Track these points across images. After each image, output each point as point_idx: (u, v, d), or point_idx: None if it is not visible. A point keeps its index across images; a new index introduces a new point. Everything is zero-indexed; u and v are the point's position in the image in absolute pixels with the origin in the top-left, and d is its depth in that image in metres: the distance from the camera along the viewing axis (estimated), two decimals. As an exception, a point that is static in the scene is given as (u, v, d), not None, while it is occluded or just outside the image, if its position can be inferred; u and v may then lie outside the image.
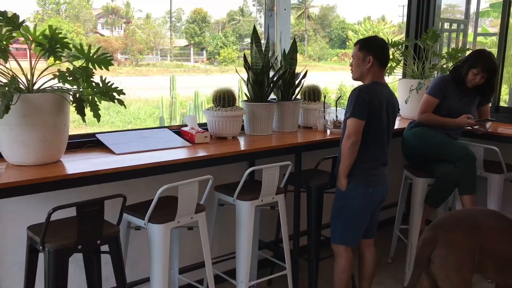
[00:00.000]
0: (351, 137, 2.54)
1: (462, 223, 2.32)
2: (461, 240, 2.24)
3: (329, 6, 41.44)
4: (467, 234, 2.25)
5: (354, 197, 2.63)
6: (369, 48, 2.62)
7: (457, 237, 2.25)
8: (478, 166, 3.16)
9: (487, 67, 3.12)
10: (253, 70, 3.11)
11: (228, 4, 56.41)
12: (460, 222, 2.34)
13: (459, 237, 2.25)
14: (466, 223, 2.32)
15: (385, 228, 4.03)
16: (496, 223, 2.32)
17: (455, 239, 2.25)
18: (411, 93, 3.86)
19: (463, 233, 2.26)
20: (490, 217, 2.38)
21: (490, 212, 2.47)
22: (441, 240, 2.25)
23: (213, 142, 2.91)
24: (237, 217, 2.69)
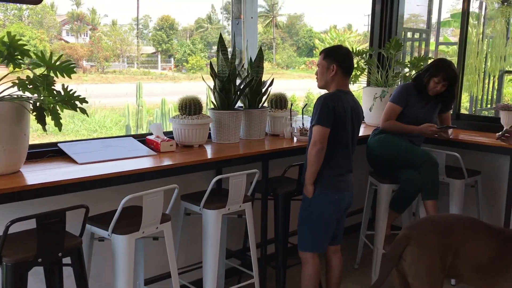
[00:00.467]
0: (316, 144, 2.56)
1: (437, 226, 2.40)
2: (434, 241, 2.31)
3: (296, 14, 41.96)
4: (441, 236, 2.32)
5: (320, 204, 2.65)
6: (333, 57, 2.66)
7: (430, 238, 2.33)
8: (440, 172, 3.23)
9: (448, 76, 3.21)
10: (219, 78, 3.10)
11: (196, 12, 56.31)
12: (435, 225, 2.42)
13: (432, 238, 2.32)
14: (441, 226, 2.40)
15: (351, 234, 4.08)
16: (471, 228, 2.38)
17: (428, 240, 2.32)
18: (375, 101, 3.93)
19: (437, 235, 2.33)
20: (465, 222, 2.44)
21: (465, 218, 2.53)
22: (414, 239, 2.32)
23: (179, 151, 2.88)
24: (203, 226, 2.66)
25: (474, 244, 2.31)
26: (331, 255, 2.84)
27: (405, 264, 2.33)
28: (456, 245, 2.30)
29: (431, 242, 2.31)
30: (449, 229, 2.36)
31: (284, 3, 44.31)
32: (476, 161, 3.67)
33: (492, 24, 5.55)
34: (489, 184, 3.72)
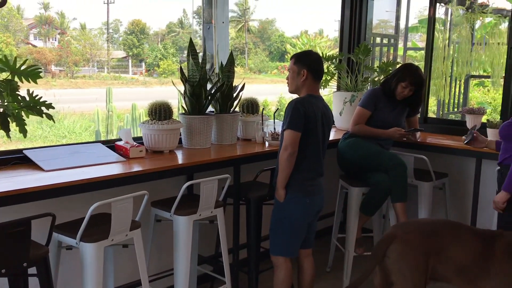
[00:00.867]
0: (288, 148, 2.57)
1: (422, 228, 2.50)
2: (418, 241, 2.40)
3: (268, 19, 42.21)
4: (425, 237, 2.41)
5: (292, 208, 2.66)
6: (304, 62, 2.68)
7: (415, 238, 2.41)
8: (408, 175, 3.29)
9: (415, 81, 3.28)
10: (190, 83, 3.08)
11: (167, 16, 55.92)
12: (420, 226, 2.52)
13: (416, 239, 2.41)
14: (426, 228, 2.49)
15: (323, 237, 4.11)
16: (455, 230, 2.44)
17: (412, 239, 2.41)
18: (345, 105, 3.98)
19: (421, 236, 2.42)
20: (450, 225, 2.51)
21: (450, 221, 2.60)
22: (399, 238, 2.41)
23: (148, 156, 2.84)
24: (174, 232, 2.63)
25: (458, 246, 2.37)
26: (303, 259, 2.84)
27: (388, 261, 2.41)
28: (439, 247, 2.38)
29: (415, 242, 2.40)
30: (434, 230, 2.45)
31: (256, 8, 44.50)
32: (444, 164, 3.76)
33: (457, 30, 5.70)
34: (456, 186, 3.81)
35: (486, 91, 11.66)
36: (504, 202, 2.65)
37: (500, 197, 2.66)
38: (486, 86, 11.49)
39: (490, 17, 6.38)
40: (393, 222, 3.27)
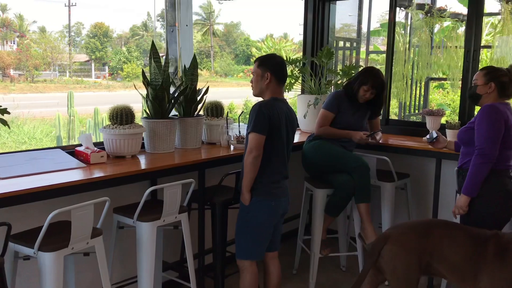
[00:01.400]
0: (252, 151, 2.57)
1: (416, 228, 2.56)
2: (411, 242, 2.47)
3: (233, 23, 42.27)
4: (418, 238, 2.47)
5: (257, 211, 2.66)
6: (267, 65, 2.69)
7: (408, 239, 2.49)
8: (371, 176, 3.35)
9: (376, 84, 3.34)
10: (152, 86, 3.03)
11: (131, 19, 55.09)
12: (414, 227, 2.59)
13: (410, 239, 2.48)
14: (419, 228, 2.55)
15: (289, 240, 4.12)
16: (448, 230, 2.49)
17: (405, 240, 2.48)
18: (309, 108, 4.01)
19: (415, 236, 2.48)
20: (443, 225, 2.55)
21: (443, 221, 2.64)
22: (393, 238, 2.49)
23: (110, 162, 2.78)
24: (137, 239, 2.58)
25: (451, 246, 2.42)
26: (269, 261, 2.84)
27: (382, 261, 2.48)
28: (433, 247, 2.44)
29: (408, 242, 2.47)
30: (427, 231, 2.50)
31: (221, 12, 44.50)
32: (405, 165, 3.84)
33: (417, 33, 5.83)
34: (417, 186, 3.90)
35: (446, 93, 12.01)
36: (467, 206, 2.72)
37: (462, 201, 2.73)
38: (445, 88, 11.84)
39: (448, 21, 6.57)
40: (357, 222, 3.31)
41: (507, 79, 2.70)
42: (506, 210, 2.71)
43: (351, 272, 3.74)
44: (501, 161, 2.66)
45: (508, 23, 5.04)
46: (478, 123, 2.67)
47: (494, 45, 5.20)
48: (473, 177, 2.65)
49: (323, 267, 3.75)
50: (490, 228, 2.52)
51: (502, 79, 2.70)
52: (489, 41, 9.04)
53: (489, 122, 2.62)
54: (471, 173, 2.66)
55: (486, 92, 2.72)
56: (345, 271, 3.79)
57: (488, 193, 2.66)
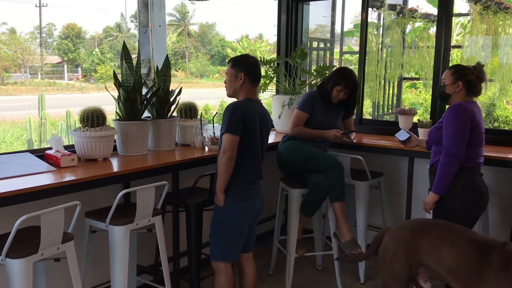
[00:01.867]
0: (226, 152, 2.55)
1: (414, 226, 2.56)
2: (405, 236, 2.49)
3: (208, 24, 42.12)
4: (414, 234, 2.48)
5: (231, 212, 2.64)
6: (241, 66, 2.68)
7: (403, 233, 2.51)
8: (345, 175, 3.37)
9: (349, 84, 3.36)
10: (124, 88, 2.99)
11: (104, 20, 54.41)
12: (413, 224, 2.59)
13: (404, 234, 2.50)
14: (417, 227, 2.54)
15: (265, 240, 4.12)
16: (450, 234, 2.42)
17: (400, 233, 2.52)
18: (284, 108, 4.02)
19: (411, 232, 2.49)
20: (448, 229, 2.47)
21: (450, 225, 2.54)
22: (390, 231, 2.57)
23: (81, 165, 2.73)
24: (110, 243, 2.53)
25: (450, 250, 2.36)
26: (244, 263, 2.83)
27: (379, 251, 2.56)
28: (427, 246, 2.41)
29: (402, 236, 2.50)
30: (424, 230, 2.48)
31: (196, 12, 44.30)
32: (379, 163, 3.88)
33: (390, 34, 5.91)
34: (391, 184, 3.95)
35: (418, 93, 12.23)
36: (433, 203, 2.77)
37: (430, 198, 2.78)
38: (417, 88, 12.05)
39: (420, 21, 6.67)
40: (332, 221, 3.33)
41: (474, 77, 2.75)
42: (477, 206, 2.77)
43: (327, 271, 3.76)
44: (470, 158, 2.71)
45: (477, 23, 5.16)
46: (445, 123, 2.72)
47: (464, 45, 5.31)
48: (442, 176, 2.70)
49: (299, 267, 3.75)
50: (462, 224, 2.57)
51: (469, 77, 2.75)
52: (460, 41, 9.25)
53: (455, 122, 2.67)
54: (440, 172, 2.71)
55: (455, 91, 2.77)
56: (321, 270, 3.81)
57: (459, 190, 2.71)
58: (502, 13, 5.29)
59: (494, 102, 11.53)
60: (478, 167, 2.77)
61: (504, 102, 11.86)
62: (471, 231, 2.50)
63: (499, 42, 5.27)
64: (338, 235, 3.27)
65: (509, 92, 5.82)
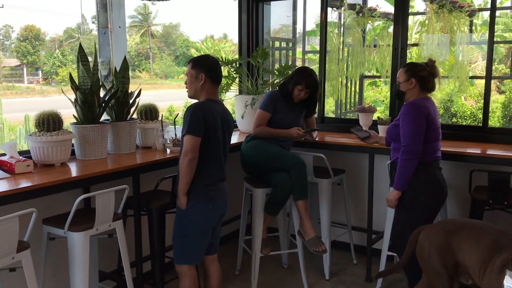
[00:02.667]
0: (188, 154, 2.53)
1: (447, 226, 2.57)
2: (436, 236, 2.50)
3: (172, 24, 41.74)
4: (444, 233, 2.49)
5: (194, 214, 2.62)
6: (201, 66, 2.66)
7: (434, 232, 2.53)
8: (308, 173, 3.40)
9: (310, 84, 3.40)
10: (81, 91, 2.92)
11: (64, 21, 53.12)
12: (446, 224, 2.60)
13: (436, 233, 2.52)
14: (449, 225, 2.55)
15: (231, 241, 4.11)
16: (478, 234, 2.41)
17: (431, 233, 2.54)
18: (246, 108, 4.02)
19: (443, 232, 2.50)
20: (478, 228, 2.47)
21: (481, 224, 2.54)
22: (424, 231, 2.59)
23: (37, 171, 2.64)
24: (69, 250, 2.47)
25: (472, 246, 2.37)
26: (209, 264, 2.82)
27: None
28: (457, 245, 2.42)
29: (433, 236, 2.52)
30: (456, 229, 2.48)
31: (158, 13, 43.80)
32: (341, 161, 3.94)
33: (351, 33, 6.00)
34: (353, 181, 4.01)
35: (380, 90, 12.49)
36: (396, 199, 2.83)
37: (392, 195, 2.84)
38: (378, 86, 12.30)
39: (379, 20, 6.80)
40: (296, 219, 3.35)
41: (427, 73, 2.82)
42: (437, 200, 2.85)
43: (292, 269, 3.79)
44: (428, 153, 2.78)
45: (433, 22, 5.30)
46: (401, 121, 2.79)
47: (421, 43, 5.45)
48: (402, 172, 2.77)
49: (265, 266, 3.77)
50: (423, 218, 2.63)
51: (421, 74, 2.82)
52: (418, 39, 9.49)
53: (410, 119, 2.74)
54: (399, 169, 2.78)
55: (409, 88, 2.84)
56: (287, 269, 3.83)
57: (419, 185, 2.78)
58: (457, 12, 5.45)
59: (452, 98, 11.90)
60: (436, 162, 2.84)
61: (462, 98, 12.27)
62: (501, 231, 2.43)
63: (454, 39, 5.44)
64: (302, 233, 3.30)
65: (466, 89, 6.02)
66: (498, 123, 11.74)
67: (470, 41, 7.72)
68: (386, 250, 3.37)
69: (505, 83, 13.81)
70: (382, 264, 3.40)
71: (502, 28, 15.30)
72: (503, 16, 14.95)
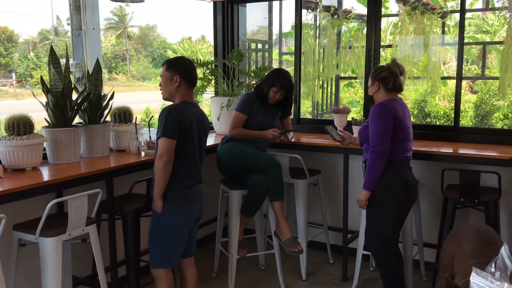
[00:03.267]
0: (163, 157, 2.51)
1: (452, 231, 2.60)
2: (446, 246, 2.52)
3: (149, 26, 41.39)
4: (449, 242, 2.49)
5: (170, 217, 2.60)
6: (176, 68, 2.65)
7: (446, 243, 2.55)
8: (284, 174, 3.41)
9: (285, 86, 3.41)
10: (52, 94, 2.87)
11: (39, 23, 52.19)
12: (453, 230, 2.63)
13: (446, 244, 2.55)
14: (453, 233, 2.56)
15: (208, 244, 4.10)
16: (474, 236, 2.37)
17: (445, 244, 2.57)
18: (222, 110, 4.02)
19: (449, 241, 2.51)
20: (471, 230, 2.45)
21: (475, 226, 2.54)
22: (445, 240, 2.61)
23: (7, 176, 2.59)
24: (41, 256, 2.43)
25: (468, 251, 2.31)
26: (185, 268, 2.80)
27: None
28: (457, 251, 2.36)
29: (445, 246, 2.55)
30: (455, 236, 2.47)
31: (135, 14, 43.43)
32: (316, 161, 3.96)
33: (326, 34, 6.06)
34: (329, 181, 4.04)
35: (356, 91, 12.63)
36: (366, 199, 2.87)
37: (362, 195, 2.87)
38: (354, 87, 12.45)
39: (354, 22, 6.88)
40: (272, 220, 3.36)
41: (387, 73, 2.87)
42: (406, 198, 2.89)
43: (270, 270, 3.80)
44: (397, 153, 2.83)
45: (406, 23, 5.39)
46: (370, 122, 2.84)
47: (394, 44, 5.53)
48: (370, 172, 2.81)
49: (242, 267, 3.77)
50: (394, 216, 2.65)
51: (382, 75, 2.88)
52: (392, 40, 9.63)
53: (378, 121, 2.79)
54: (368, 169, 2.82)
55: (375, 91, 2.90)
56: (264, 270, 3.84)
57: (388, 184, 2.82)
58: (429, 14, 5.56)
59: (426, 98, 12.11)
60: (406, 161, 2.89)
61: (436, 99, 12.49)
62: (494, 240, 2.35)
63: (427, 41, 5.55)
64: (279, 234, 3.31)
65: (438, 89, 6.13)
66: (471, 123, 11.99)
67: (442, 42, 7.89)
68: (361, 249, 3.41)
69: (477, 83, 14.13)
70: (358, 263, 3.44)
71: (474, 30, 15.66)
72: (475, 18, 15.31)
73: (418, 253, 3.56)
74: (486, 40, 15.11)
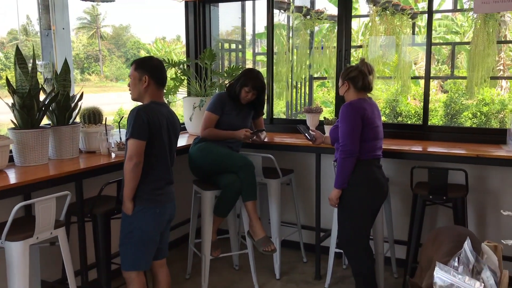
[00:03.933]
0: (132, 158, 2.48)
1: (431, 235, 2.62)
2: (425, 248, 2.58)
3: (122, 26, 40.86)
4: (428, 243, 2.54)
5: (141, 219, 2.57)
6: (144, 68, 2.62)
7: (425, 244, 2.61)
8: (257, 174, 3.42)
9: (257, 86, 3.42)
10: (18, 94, 2.81)
11: (8, 22, 51.02)
12: (431, 234, 2.63)
13: (425, 245, 2.59)
14: (432, 234, 2.59)
15: (181, 245, 4.07)
16: (452, 238, 2.39)
17: (424, 246, 2.62)
18: (194, 110, 4.00)
19: (428, 243, 2.55)
20: (450, 232, 2.49)
21: (454, 229, 2.59)
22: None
23: (-29, 179, 2.52)
24: (7, 260, 2.37)
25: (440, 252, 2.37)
26: (157, 269, 2.78)
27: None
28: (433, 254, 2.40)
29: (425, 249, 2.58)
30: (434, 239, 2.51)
31: (107, 14, 42.83)
32: (289, 161, 3.99)
33: (299, 35, 6.09)
34: (301, 180, 4.07)
35: (328, 91, 12.76)
36: (337, 198, 2.90)
37: (333, 194, 2.90)
38: (327, 87, 12.57)
39: (326, 23, 6.94)
40: (245, 220, 3.36)
41: (356, 72, 2.92)
42: (376, 196, 2.94)
43: (244, 270, 3.79)
44: (366, 152, 2.87)
45: (375, 24, 5.47)
46: (339, 121, 2.88)
47: (365, 45, 5.60)
48: (340, 171, 2.85)
49: (216, 268, 3.76)
50: (364, 214, 2.67)
51: (351, 75, 2.92)
52: (363, 40, 9.76)
53: (347, 120, 2.83)
54: (338, 168, 2.86)
55: (345, 91, 2.94)
56: (238, 270, 3.83)
57: (358, 182, 2.86)
58: (399, 14, 5.65)
59: (397, 98, 12.31)
60: (375, 160, 2.93)
61: (408, 98, 12.71)
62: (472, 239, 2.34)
63: (398, 41, 5.64)
64: (252, 234, 3.31)
65: (408, 89, 6.24)
66: (441, 121, 12.24)
67: (413, 43, 8.02)
68: (334, 247, 3.45)
69: (447, 83, 14.44)
70: (331, 261, 3.47)
71: (444, 30, 16.01)
72: (444, 19, 15.65)
73: (389, 250, 3.61)
74: (455, 41, 15.47)
